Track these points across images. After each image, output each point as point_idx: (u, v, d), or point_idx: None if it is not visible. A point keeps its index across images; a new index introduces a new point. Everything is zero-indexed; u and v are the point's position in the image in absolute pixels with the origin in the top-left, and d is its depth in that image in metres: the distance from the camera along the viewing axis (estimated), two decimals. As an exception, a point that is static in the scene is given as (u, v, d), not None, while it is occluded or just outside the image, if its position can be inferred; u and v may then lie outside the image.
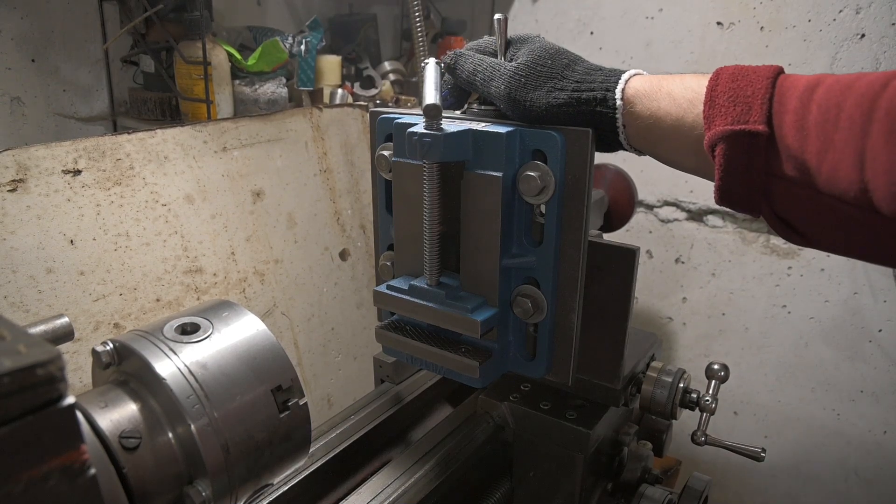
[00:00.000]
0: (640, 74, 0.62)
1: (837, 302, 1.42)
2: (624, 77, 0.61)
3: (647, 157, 0.65)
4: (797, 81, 0.52)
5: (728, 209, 0.60)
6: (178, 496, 0.47)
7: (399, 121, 0.67)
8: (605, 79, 0.61)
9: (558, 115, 0.62)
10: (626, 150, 0.65)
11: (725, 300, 1.57)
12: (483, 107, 0.72)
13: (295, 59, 1.39)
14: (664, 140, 0.60)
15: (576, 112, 0.62)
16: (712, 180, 0.57)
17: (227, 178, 1.11)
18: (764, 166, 0.53)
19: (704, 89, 0.56)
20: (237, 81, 1.27)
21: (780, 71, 0.54)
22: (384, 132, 0.72)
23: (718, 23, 1.44)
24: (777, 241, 1.48)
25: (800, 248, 1.45)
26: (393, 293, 0.68)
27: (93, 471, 0.30)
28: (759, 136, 0.52)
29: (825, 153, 0.49)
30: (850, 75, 0.51)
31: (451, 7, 1.87)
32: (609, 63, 0.66)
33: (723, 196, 0.56)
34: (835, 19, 1.32)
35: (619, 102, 0.60)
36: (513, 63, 0.65)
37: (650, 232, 1.64)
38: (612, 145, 0.65)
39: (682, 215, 1.59)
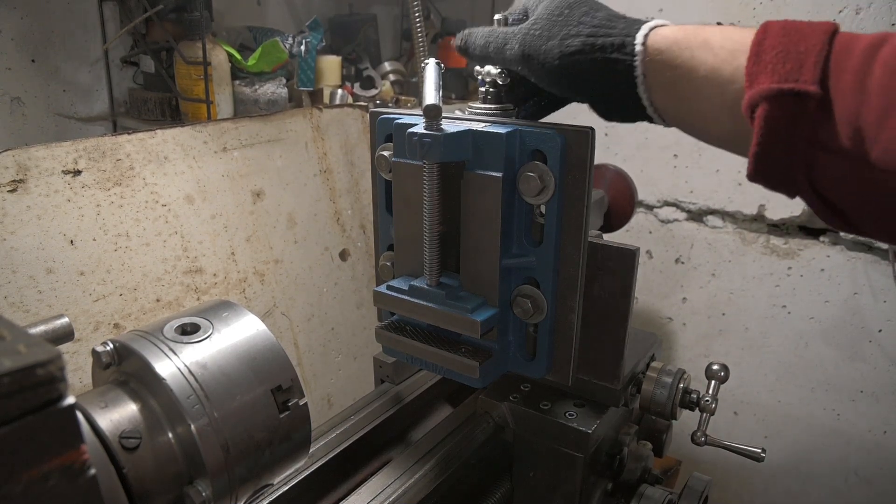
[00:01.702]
0: (668, 25, 0.56)
1: (837, 302, 1.42)
2: (649, 24, 0.55)
3: (648, 157, 0.64)
4: (858, 39, 0.46)
5: (761, 185, 0.52)
6: (178, 496, 0.47)
7: (399, 121, 0.67)
8: (627, 26, 0.56)
9: (571, 65, 0.56)
10: (647, 116, 0.59)
11: (725, 300, 1.57)
12: (483, 107, 0.72)
13: (295, 60, 1.39)
14: (694, 96, 0.53)
15: (590, 61, 0.55)
16: (744, 154, 0.50)
17: (227, 179, 1.11)
18: (810, 134, 0.46)
19: (749, 42, 0.49)
20: (237, 82, 1.27)
21: (836, 28, 0.47)
22: (384, 132, 0.72)
23: (718, 23, 1.44)
24: (777, 242, 1.48)
25: (799, 248, 1.45)
26: (393, 293, 0.68)
27: (93, 471, 0.30)
28: (810, 99, 0.45)
29: (886, 118, 0.43)
30: None
31: (451, 7, 1.87)
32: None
33: (758, 167, 0.49)
34: (834, 19, 1.32)
35: (638, 48, 0.54)
36: (527, 21, 0.61)
37: (650, 232, 1.64)
38: (630, 111, 0.58)
39: (682, 215, 1.59)
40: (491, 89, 0.72)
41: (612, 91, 0.58)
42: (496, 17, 0.68)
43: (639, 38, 0.54)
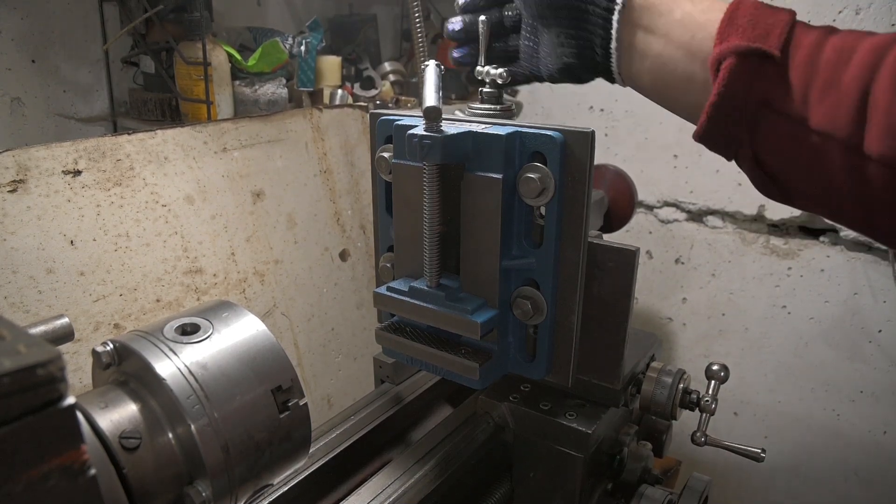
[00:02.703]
0: None
1: (837, 302, 1.42)
2: None
3: (648, 157, 0.65)
4: (813, 27, 0.54)
5: (709, 148, 0.59)
6: (178, 496, 0.47)
7: (399, 123, 0.67)
8: None
9: (553, 4, 0.61)
10: (609, 74, 0.64)
11: (725, 300, 1.57)
12: (483, 107, 0.72)
13: (295, 60, 1.39)
14: (664, 40, 0.59)
15: (574, 6, 0.61)
16: (696, 120, 0.56)
17: (227, 179, 1.11)
18: (764, 92, 0.53)
19: (720, 11, 0.56)
20: (237, 82, 1.28)
21: (795, 15, 0.55)
22: (384, 134, 0.72)
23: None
24: (777, 242, 1.48)
25: (799, 248, 1.45)
26: (393, 295, 0.68)
27: (93, 471, 0.30)
28: (771, 60, 0.52)
29: (830, 89, 0.50)
30: (861, 31, 0.53)
31: (451, 7, 1.87)
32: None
33: (710, 122, 0.56)
34: (834, 20, 1.32)
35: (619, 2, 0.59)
36: None
37: (650, 232, 1.64)
38: (591, 68, 0.64)
39: (682, 216, 1.59)
40: (491, 89, 0.73)
41: (585, 27, 0.62)
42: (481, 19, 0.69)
43: None
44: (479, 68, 0.73)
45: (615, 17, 0.60)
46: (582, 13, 0.62)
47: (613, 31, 0.61)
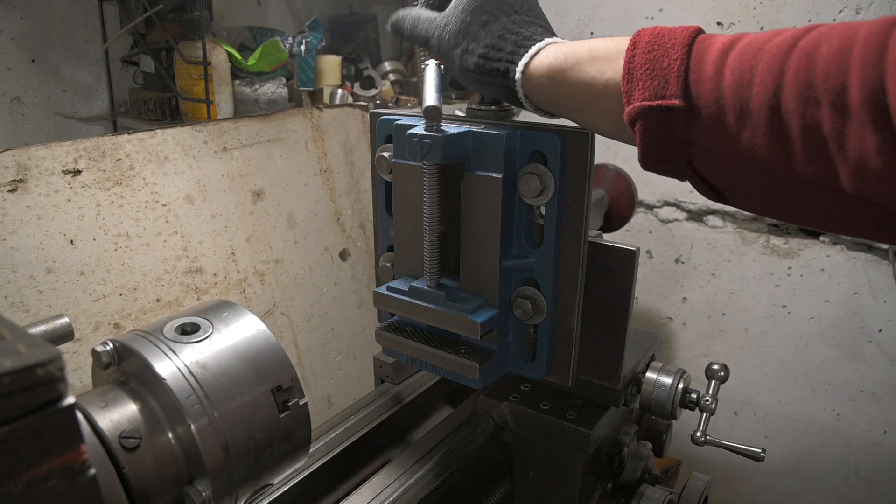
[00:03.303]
0: (555, 43, 0.59)
1: (837, 302, 1.42)
2: (531, 50, 0.59)
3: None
4: (712, 45, 0.50)
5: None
6: (178, 496, 0.47)
7: (399, 122, 0.67)
8: (514, 49, 0.59)
9: (471, 77, 0.62)
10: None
11: (725, 300, 1.57)
12: (483, 106, 0.72)
13: (295, 60, 1.39)
14: (577, 108, 0.58)
15: (482, 81, 0.61)
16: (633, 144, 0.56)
17: (227, 178, 1.11)
18: (684, 137, 0.51)
19: (620, 56, 0.53)
20: (237, 81, 1.27)
21: (697, 33, 0.52)
22: (384, 133, 0.72)
23: (718, 23, 1.44)
24: (777, 241, 1.48)
25: (800, 248, 1.45)
26: (393, 294, 0.68)
27: (93, 471, 0.30)
28: (677, 111, 0.50)
29: (742, 119, 0.48)
30: (766, 33, 0.49)
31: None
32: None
33: (646, 164, 0.55)
34: (834, 19, 1.32)
35: (518, 76, 0.58)
36: (440, 15, 0.64)
37: (650, 232, 1.64)
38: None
39: (682, 215, 1.59)
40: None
41: (502, 96, 0.63)
42: None
43: (520, 66, 0.59)
44: None
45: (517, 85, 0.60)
46: (501, 96, 0.63)
47: (520, 94, 0.61)
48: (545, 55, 0.58)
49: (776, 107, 0.46)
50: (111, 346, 0.49)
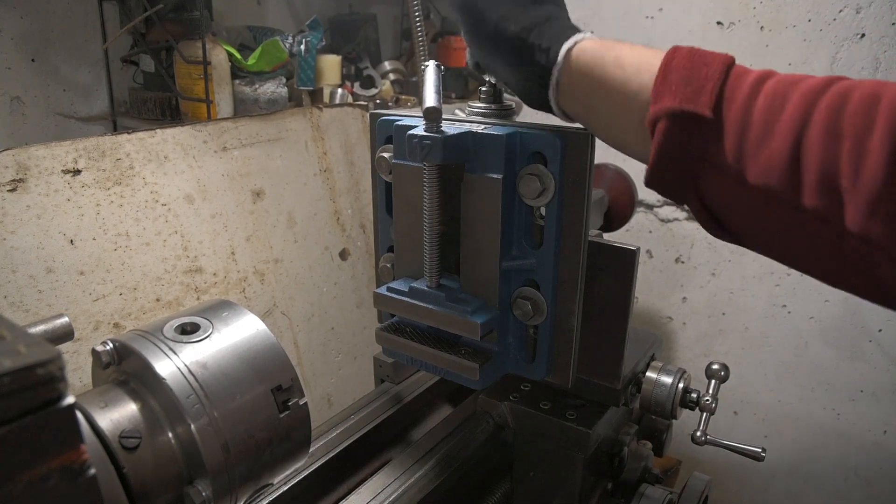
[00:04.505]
0: (594, 38, 0.60)
1: (837, 302, 1.42)
2: (575, 37, 0.59)
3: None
4: (750, 72, 0.53)
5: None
6: (178, 496, 0.47)
7: (399, 123, 0.67)
8: (560, 32, 0.59)
9: (499, 43, 0.60)
10: (552, 112, 0.63)
11: (725, 300, 1.57)
12: (483, 107, 0.72)
13: (295, 59, 1.39)
14: (601, 105, 0.58)
15: (517, 51, 0.60)
16: (645, 161, 0.56)
17: (227, 178, 1.11)
18: (700, 150, 0.52)
19: (658, 61, 0.54)
20: (237, 81, 1.27)
21: (733, 61, 0.54)
22: (384, 134, 0.72)
23: (718, 22, 1.44)
24: (777, 241, 1.48)
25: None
26: (393, 295, 0.68)
27: (93, 471, 0.30)
28: (704, 121, 0.51)
29: (763, 142, 0.50)
30: (797, 75, 0.51)
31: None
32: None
33: (654, 175, 0.55)
34: (835, 19, 1.32)
35: (560, 58, 0.58)
36: None
37: (650, 232, 1.64)
38: (534, 100, 0.63)
39: (683, 215, 1.59)
40: (491, 88, 0.72)
41: (523, 79, 0.62)
42: None
43: (563, 49, 0.58)
44: None
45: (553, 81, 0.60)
46: (519, 73, 0.62)
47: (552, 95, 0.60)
48: (589, 44, 0.58)
49: (801, 135, 0.48)
50: (111, 345, 0.49)
